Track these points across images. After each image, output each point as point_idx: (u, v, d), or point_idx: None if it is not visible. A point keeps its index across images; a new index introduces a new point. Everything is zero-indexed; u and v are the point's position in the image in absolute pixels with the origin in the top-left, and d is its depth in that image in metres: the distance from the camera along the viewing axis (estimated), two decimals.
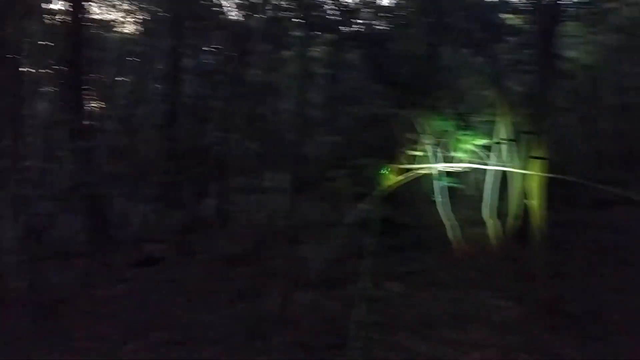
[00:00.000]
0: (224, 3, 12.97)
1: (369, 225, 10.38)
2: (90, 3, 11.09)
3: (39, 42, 10.68)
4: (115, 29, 14.24)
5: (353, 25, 10.47)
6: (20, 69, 9.30)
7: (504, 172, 9.10)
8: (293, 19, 11.92)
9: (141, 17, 13.47)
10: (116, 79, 12.67)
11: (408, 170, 12.31)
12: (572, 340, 5.14)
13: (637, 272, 6.72)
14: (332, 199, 13.77)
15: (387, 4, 13.16)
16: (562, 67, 10.92)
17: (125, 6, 13.28)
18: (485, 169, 9.50)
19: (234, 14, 13.48)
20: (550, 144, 11.57)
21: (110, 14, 13.46)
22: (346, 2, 11.38)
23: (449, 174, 11.99)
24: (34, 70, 10.88)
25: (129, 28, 14.07)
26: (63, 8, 10.52)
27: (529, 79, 8.95)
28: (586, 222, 9.18)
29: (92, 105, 12.15)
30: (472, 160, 10.59)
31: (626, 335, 5.17)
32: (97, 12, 12.84)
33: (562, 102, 11.75)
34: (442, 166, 8.45)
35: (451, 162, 9.64)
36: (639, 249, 7.54)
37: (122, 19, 13.54)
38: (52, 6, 10.77)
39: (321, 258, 8.39)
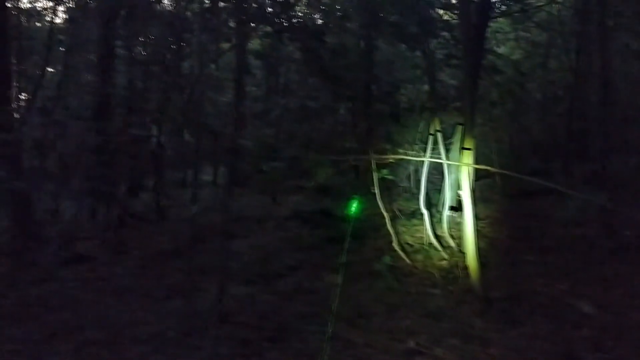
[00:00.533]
0: None
1: (306, 217, 10.47)
2: None
3: None
4: (43, 18, 13.59)
5: (290, 18, 10.41)
6: None
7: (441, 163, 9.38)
8: (230, 10, 11.73)
9: (71, 5, 12.88)
10: (43, 69, 12.06)
11: (345, 162, 12.48)
12: (497, 325, 5.37)
13: (557, 258, 7.09)
14: (270, 192, 13.74)
15: None
16: (491, 62, 11.34)
17: None
18: (422, 161, 9.74)
19: (168, 3, 13.16)
20: (481, 137, 12.05)
21: (39, 3, 12.84)
22: None
23: (386, 165, 12.19)
24: None
25: (58, 17, 13.44)
26: None
27: (460, 74, 9.22)
28: (513, 211, 9.60)
29: (18, 96, 11.56)
30: (407, 152, 10.86)
31: (546, 318, 5.45)
32: (24, 0, 12.23)
33: (492, 96, 12.21)
34: (376, 157, 8.57)
35: (387, 154, 9.84)
36: (560, 236, 7.94)
37: (51, 8, 12.89)
38: None
39: (258, 251, 8.37)
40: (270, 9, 10.16)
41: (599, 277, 6.29)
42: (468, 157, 6.37)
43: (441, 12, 11.20)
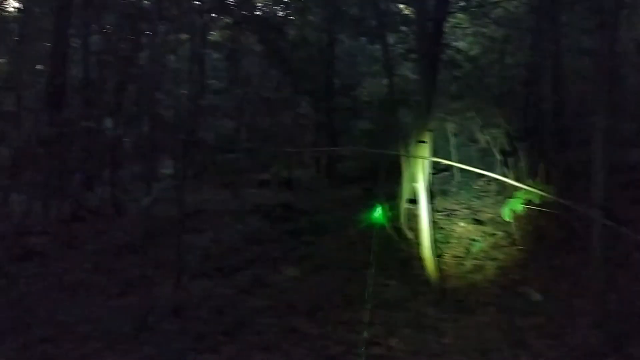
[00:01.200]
0: None
1: (267, 211, 10.43)
2: None
3: None
4: None
5: (250, 10, 10.33)
6: None
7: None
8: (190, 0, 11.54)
9: None
10: None
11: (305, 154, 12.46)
12: (451, 314, 5.48)
13: (509, 249, 7.27)
14: (230, 185, 13.62)
15: None
16: (451, 56, 11.50)
17: None
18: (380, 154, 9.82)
19: None
20: (441, 130, 12.21)
21: None
22: None
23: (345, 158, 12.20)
24: None
25: (11, 6, 12.96)
26: None
27: (420, 68, 9.32)
28: (466, 203, 9.78)
29: None
30: (367, 145, 10.94)
31: (498, 307, 5.60)
32: None
33: (451, 90, 12.39)
34: (331, 150, 8.58)
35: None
36: (509, 227, 8.13)
37: None
38: None
39: (216, 245, 8.30)
40: (230, 0, 10.06)
41: (548, 267, 6.49)
42: (424, 150, 6.46)
43: (401, 6, 11.28)
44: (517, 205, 4.00)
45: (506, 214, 4.03)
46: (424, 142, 6.32)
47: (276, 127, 13.37)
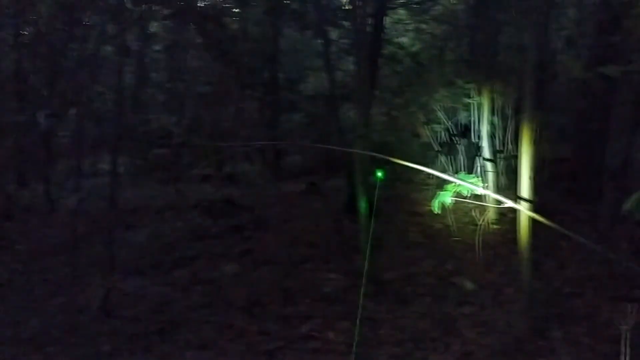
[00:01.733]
0: None
1: (209, 207, 10.27)
2: None
3: None
4: None
5: (190, 0, 10.08)
6: None
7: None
8: None
9: None
10: None
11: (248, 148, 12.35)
12: (386, 305, 5.56)
13: (447, 241, 7.46)
14: (171, 180, 13.32)
15: None
16: (392, 52, 11.67)
17: None
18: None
19: None
20: (382, 125, 12.38)
21: None
22: None
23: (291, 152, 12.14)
24: None
25: None
26: None
27: (358, 63, 9.40)
28: (409, 196, 9.97)
29: None
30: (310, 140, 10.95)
31: (433, 297, 5.73)
32: None
33: (393, 85, 12.57)
34: (273, 144, 8.55)
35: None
36: (449, 219, 8.35)
37: None
38: None
39: (154, 242, 8.11)
40: None
41: (481, 256, 6.69)
42: (362, 144, 6.50)
43: (343, 1, 11.35)
44: (446, 197, 4.09)
45: (435, 206, 4.11)
46: (362, 137, 6.36)
47: (219, 121, 13.17)
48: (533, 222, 4.93)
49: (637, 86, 9.29)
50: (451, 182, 3.92)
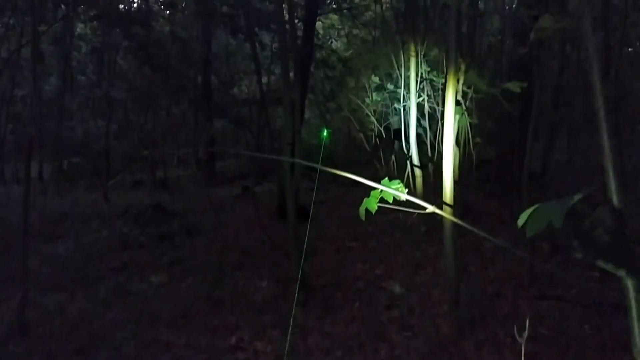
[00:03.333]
0: None
1: (138, 214, 9.94)
2: None
3: None
4: None
5: (114, 2, 9.72)
6: None
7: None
8: None
9: None
10: None
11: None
12: (315, 312, 5.54)
13: (376, 244, 7.55)
14: (99, 187, 12.83)
15: None
16: (323, 57, 11.73)
17: None
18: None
19: None
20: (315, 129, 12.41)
21: None
22: None
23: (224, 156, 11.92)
24: None
25: None
26: None
27: (283, 67, 9.38)
28: (342, 199, 10.05)
29: None
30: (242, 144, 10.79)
31: (362, 302, 5.75)
32: None
33: (325, 89, 12.64)
34: (202, 150, 8.39)
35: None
36: (381, 222, 8.47)
37: None
38: None
39: (77, 254, 7.74)
40: None
41: (410, 259, 6.81)
42: (293, 151, 6.46)
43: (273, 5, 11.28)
44: (371, 204, 4.09)
45: (362, 213, 4.11)
46: (291, 144, 6.31)
47: (149, 125, 12.80)
48: (458, 224, 5.04)
49: (554, 91, 9.80)
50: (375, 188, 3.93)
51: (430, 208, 3.89)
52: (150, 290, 6.47)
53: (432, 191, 9.29)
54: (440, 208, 5.26)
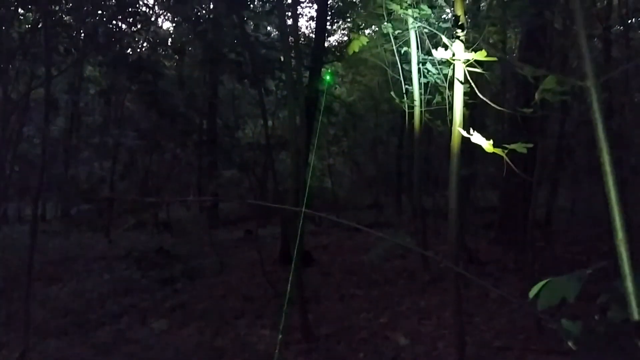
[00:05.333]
0: None
1: (140, 257, 9.90)
2: None
3: None
4: None
5: (122, 48, 9.95)
6: None
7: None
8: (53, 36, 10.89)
9: None
10: None
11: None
12: None
13: (380, 292, 7.47)
14: (103, 228, 12.83)
15: (164, 30, 12.90)
16: (328, 103, 11.90)
17: None
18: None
19: None
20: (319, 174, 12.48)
21: None
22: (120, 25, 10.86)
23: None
24: None
25: None
26: None
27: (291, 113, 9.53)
28: (345, 245, 10.00)
29: None
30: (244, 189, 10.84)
31: (366, 352, 5.66)
32: None
33: (329, 135, 12.81)
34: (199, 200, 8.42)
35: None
36: (385, 269, 8.41)
37: None
38: None
39: (78, 298, 7.68)
40: (101, 39, 9.64)
41: (415, 308, 6.72)
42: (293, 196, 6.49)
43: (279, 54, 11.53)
44: (379, 251, 4.09)
45: (372, 259, 4.11)
46: (295, 190, 6.35)
47: (155, 167, 12.90)
48: (460, 275, 5.01)
49: (557, 140, 9.89)
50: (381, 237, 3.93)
51: (434, 257, 3.87)
52: (151, 337, 6.38)
53: (435, 236, 9.29)
54: (445, 257, 5.26)
